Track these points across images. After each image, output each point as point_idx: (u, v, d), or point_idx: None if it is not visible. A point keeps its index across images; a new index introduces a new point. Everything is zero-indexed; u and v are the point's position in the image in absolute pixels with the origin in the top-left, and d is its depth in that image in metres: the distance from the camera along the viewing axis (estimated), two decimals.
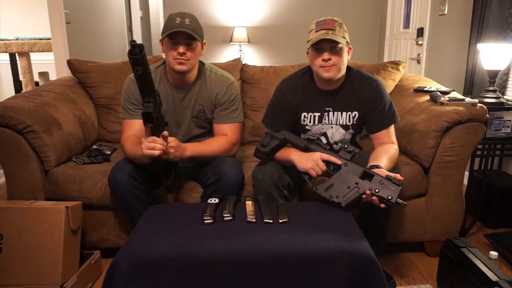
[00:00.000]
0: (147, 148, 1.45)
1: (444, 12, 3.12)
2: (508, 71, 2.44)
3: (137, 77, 1.36)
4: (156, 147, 1.45)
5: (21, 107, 1.79)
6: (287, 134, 1.64)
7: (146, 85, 1.38)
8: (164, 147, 1.48)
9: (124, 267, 1.16)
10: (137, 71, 1.32)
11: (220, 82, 1.78)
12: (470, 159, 2.01)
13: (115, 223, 1.87)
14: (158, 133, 1.47)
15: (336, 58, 1.57)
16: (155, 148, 1.45)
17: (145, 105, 1.39)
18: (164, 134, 1.48)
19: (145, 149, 1.45)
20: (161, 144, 1.46)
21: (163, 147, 1.47)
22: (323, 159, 1.51)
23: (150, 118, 1.39)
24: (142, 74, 1.33)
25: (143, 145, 1.46)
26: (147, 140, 1.46)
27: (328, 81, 1.63)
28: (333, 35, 1.53)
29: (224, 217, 1.34)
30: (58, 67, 3.17)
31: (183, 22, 1.58)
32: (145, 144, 1.45)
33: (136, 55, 1.30)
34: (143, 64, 1.32)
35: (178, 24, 1.57)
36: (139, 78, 1.36)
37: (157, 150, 1.45)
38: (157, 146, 1.45)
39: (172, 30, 1.56)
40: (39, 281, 1.55)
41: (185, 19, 1.59)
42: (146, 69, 1.34)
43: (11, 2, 4.25)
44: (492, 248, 2.00)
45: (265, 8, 4.85)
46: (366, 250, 1.20)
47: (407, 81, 2.33)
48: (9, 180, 1.82)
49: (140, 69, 1.32)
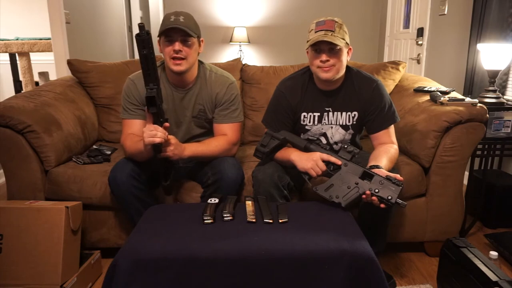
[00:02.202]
0: (148, 136, 1.47)
1: (444, 12, 3.12)
2: (508, 71, 2.44)
3: (142, 59, 1.39)
4: (157, 135, 1.47)
5: (21, 107, 1.79)
6: (287, 134, 1.64)
7: (151, 69, 1.41)
8: (165, 136, 1.50)
9: (124, 267, 1.16)
10: (143, 51, 1.37)
11: (221, 82, 1.78)
12: (470, 159, 2.01)
13: (115, 223, 1.87)
14: (159, 124, 1.50)
15: (335, 60, 1.57)
16: (156, 136, 1.47)
17: (148, 91, 1.43)
18: (166, 125, 1.51)
19: (146, 137, 1.47)
20: (162, 133, 1.49)
21: (164, 136, 1.49)
22: (323, 159, 1.51)
23: (154, 102, 1.43)
24: (147, 55, 1.37)
25: (145, 133, 1.48)
26: (149, 128, 1.48)
27: (327, 81, 1.63)
28: (331, 37, 1.53)
29: (224, 217, 1.34)
30: (58, 67, 3.17)
31: (178, 20, 1.59)
32: (147, 132, 1.48)
33: (143, 36, 1.35)
34: (148, 46, 1.37)
35: (172, 22, 1.59)
36: (144, 60, 1.39)
37: (158, 137, 1.47)
38: (158, 134, 1.47)
39: (167, 27, 1.58)
40: (39, 281, 1.55)
41: (180, 17, 1.60)
42: (152, 52, 1.39)
43: (11, 2, 4.25)
44: (492, 248, 2.00)
45: (265, 8, 4.85)
46: (366, 250, 1.20)
47: (407, 81, 2.33)
48: (9, 180, 1.82)
49: (146, 50, 1.36)
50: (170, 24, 1.58)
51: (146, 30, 1.35)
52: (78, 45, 3.38)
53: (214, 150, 1.71)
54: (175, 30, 1.59)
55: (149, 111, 1.47)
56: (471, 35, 2.60)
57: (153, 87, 1.43)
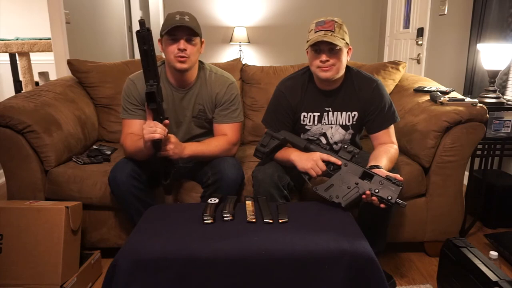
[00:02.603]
0: (148, 133, 1.48)
1: (444, 12, 3.12)
2: (508, 71, 2.44)
3: (143, 55, 1.40)
4: (157, 131, 1.48)
5: (21, 107, 1.79)
6: (287, 134, 1.65)
7: (151, 65, 1.42)
8: (165, 133, 1.51)
9: (124, 267, 1.16)
10: (144, 47, 1.38)
11: (221, 82, 1.78)
12: (470, 159, 2.01)
13: (115, 223, 1.87)
14: (159, 121, 1.51)
15: (334, 59, 1.57)
16: (156, 132, 1.48)
17: (148, 87, 1.44)
18: (166, 122, 1.52)
19: (146, 134, 1.49)
20: (162, 129, 1.49)
21: (164, 132, 1.50)
22: (323, 159, 1.51)
23: (154, 98, 1.44)
24: (147, 51, 1.38)
25: (144, 130, 1.49)
26: (148, 124, 1.49)
27: (326, 81, 1.63)
28: (331, 37, 1.53)
29: (224, 217, 1.34)
30: (58, 67, 3.17)
31: (183, 19, 1.60)
32: (147, 129, 1.49)
33: (144, 32, 1.36)
34: (148, 42, 1.38)
35: (178, 21, 1.59)
36: (145, 56, 1.40)
37: (158, 133, 1.48)
38: (158, 130, 1.48)
39: (173, 25, 1.58)
40: (39, 281, 1.55)
41: (185, 16, 1.61)
42: (152, 49, 1.40)
43: (11, 2, 4.25)
44: (492, 248, 2.00)
45: (265, 8, 4.85)
46: (366, 250, 1.20)
47: (407, 81, 2.33)
48: (9, 180, 1.82)
49: (146, 46, 1.38)
50: (176, 23, 1.58)
51: (146, 27, 1.36)
52: (78, 45, 3.38)
53: (214, 150, 1.72)
54: (181, 29, 1.59)
55: (149, 107, 1.48)
56: (471, 35, 2.60)
57: (153, 83, 1.44)
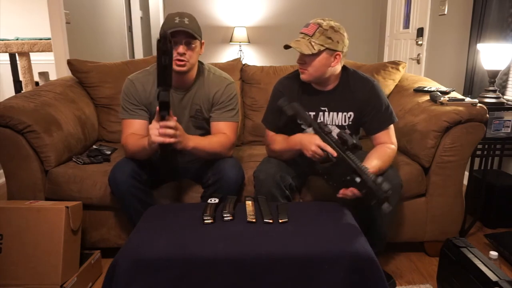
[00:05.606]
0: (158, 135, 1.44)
1: (444, 12, 3.12)
2: (508, 71, 2.44)
3: (161, 68, 1.37)
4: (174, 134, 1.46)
5: (21, 107, 1.79)
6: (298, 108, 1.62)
7: (168, 76, 1.40)
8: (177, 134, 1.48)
9: (124, 267, 1.16)
10: (165, 61, 1.36)
11: (219, 82, 1.78)
12: (470, 159, 2.01)
13: (115, 223, 1.87)
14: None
15: (307, 65, 1.59)
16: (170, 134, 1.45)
17: (162, 94, 1.40)
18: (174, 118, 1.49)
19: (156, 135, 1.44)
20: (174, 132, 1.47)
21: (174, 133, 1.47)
22: (320, 146, 1.51)
23: (167, 107, 1.42)
24: (167, 66, 1.37)
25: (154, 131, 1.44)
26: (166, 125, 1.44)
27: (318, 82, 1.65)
28: (300, 42, 1.55)
29: (224, 217, 1.34)
30: (58, 67, 3.17)
31: (182, 22, 1.58)
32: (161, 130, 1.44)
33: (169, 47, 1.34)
34: (170, 55, 1.37)
35: (177, 23, 1.57)
36: (164, 69, 1.37)
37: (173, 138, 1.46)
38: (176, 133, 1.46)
39: (172, 29, 1.56)
40: (39, 281, 1.55)
41: (184, 19, 1.59)
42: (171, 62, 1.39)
43: (11, 2, 4.25)
44: (492, 248, 2.00)
45: (265, 8, 4.85)
46: (366, 250, 1.20)
47: (407, 81, 2.33)
48: (9, 180, 1.82)
49: (168, 59, 1.36)
50: (175, 26, 1.56)
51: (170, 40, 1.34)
52: (78, 45, 3.38)
53: (215, 146, 1.69)
54: (180, 33, 1.58)
55: (160, 113, 1.45)
56: (471, 35, 2.60)
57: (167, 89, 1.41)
